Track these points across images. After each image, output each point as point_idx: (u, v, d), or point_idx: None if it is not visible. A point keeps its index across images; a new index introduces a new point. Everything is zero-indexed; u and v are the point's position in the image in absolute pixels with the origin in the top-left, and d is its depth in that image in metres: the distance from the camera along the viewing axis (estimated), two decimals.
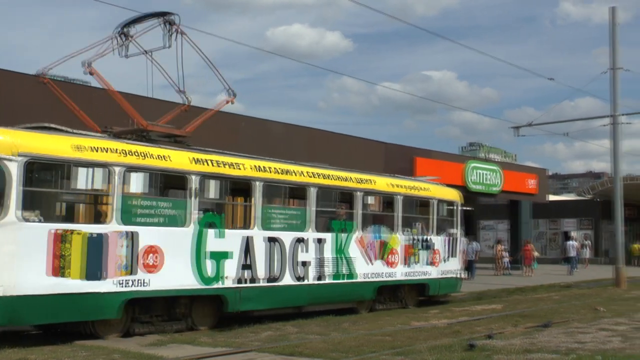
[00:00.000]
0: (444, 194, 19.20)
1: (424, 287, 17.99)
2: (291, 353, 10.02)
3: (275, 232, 14.04)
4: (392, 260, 16.74)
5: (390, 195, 17.19)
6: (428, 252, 17.87)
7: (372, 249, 16.17)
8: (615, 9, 25.78)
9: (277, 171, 14.30)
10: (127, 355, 9.74)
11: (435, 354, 9.09)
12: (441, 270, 18.33)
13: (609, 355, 9.31)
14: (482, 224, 51.40)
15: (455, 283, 19.28)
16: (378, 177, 17.23)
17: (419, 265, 17.51)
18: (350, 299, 15.94)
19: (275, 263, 13.96)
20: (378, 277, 16.33)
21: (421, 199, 18.20)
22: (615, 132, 25.51)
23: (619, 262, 24.83)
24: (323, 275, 14.91)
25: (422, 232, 17.99)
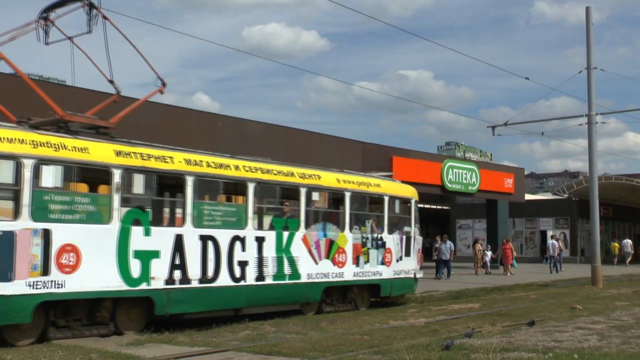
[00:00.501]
0: (397, 190, 18.51)
1: (376, 288, 17.36)
2: (269, 352, 10.04)
3: (210, 230, 13.28)
4: (340, 260, 16.07)
5: (338, 191, 16.40)
6: (380, 251, 17.19)
7: (317, 248, 15.47)
8: (591, 8, 26.02)
9: (212, 165, 13.56)
10: (104, 354, 9.70)
11: (413, 352, 9.14)
12: (394, 271, 17.64)
13: (585, 353, 9.41)
14: (459, 223, 51.70)
15: (410, 284, 18.63)
16: (325, 172, 16.41)
17: (369, 265, 16.82)
18: (294, 300, 15.26)
19: (210, 263, 13.22)
20: (324, 277, 15.65)
21: (372, 195, 17.44)
22: (591, 131, 25.76)
23: (596, 260, 25.08)
24: (263, 275, 14.23)
25: (373, 230, 17.32)
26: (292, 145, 26.77)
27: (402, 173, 31.38)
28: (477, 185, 36.10)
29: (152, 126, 21.85)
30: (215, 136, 23.84)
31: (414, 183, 32.49)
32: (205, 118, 24.52)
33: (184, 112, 23.86)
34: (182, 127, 22.86)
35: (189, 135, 23.03)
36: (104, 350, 10.01)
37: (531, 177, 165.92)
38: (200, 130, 23.48)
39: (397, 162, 31.26)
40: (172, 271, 12.52)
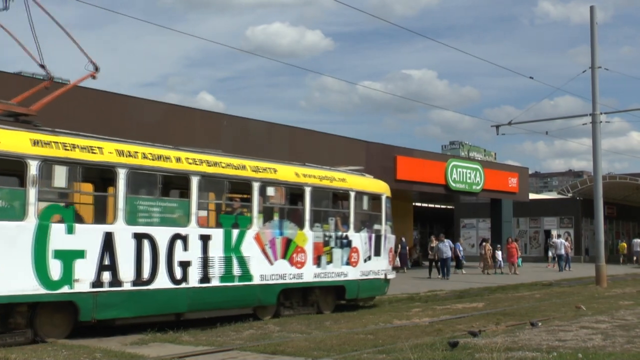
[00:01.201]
0: (365, 185, 17.44)
1: (342, 290, 16.34)
2: (273, 352, 10.03)
3: (145, 228, 12.16)
4: (299, 260, 15.00)
5: (297, 186, 15.28)
6: (345, 250, 16.12)
7: (273, 247, 14.41)
8: (595, 7, 25.97)
9: (148, 157, 12.42)
10: (109, 354, 9.71)
11: (418, 352, 9.12)
12: (362, 271, 16.63)
13: (590, 353, 9.38)
14: (464, 222, 51.67)
15: (380, 285, 17.52)
16: (282, 166, 15.31)
17: (333, 266, 15.77)
18: (246, 303, 14.16)
19: (146, 263, 12.05)
20: (281, 279, 14.59)
21: (336, 190, 16.42)
22: (596, 130, 25.71)
23: (600, 260, 25.02)
24: (209, 277, 13.14)
25: (337, 228, 16.24)
26: (296, 144, 26.78)
27: (406, 172, 31.47)
28: (481, 185, 36.10)
29: (156, 125, 21.88)
30: (219, 136, 23.85)
31: (418, 182, 32.68)
32: (209, 117, 24.55)
33: (188, 112, 23.88)
34: (186, 126, 22.88)
35: (193, 135, 23.04)
36: (108, 350, 10.01)
37: (535, 177, 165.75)
38: (204, 129, 23.51)
39: (401, 161, 31.27)
40: (100, 273, 11.42)
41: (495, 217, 40.00)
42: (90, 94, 20.60)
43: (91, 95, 20.55)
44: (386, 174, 30.69)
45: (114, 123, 20.75)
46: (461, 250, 33.81)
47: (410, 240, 42.42)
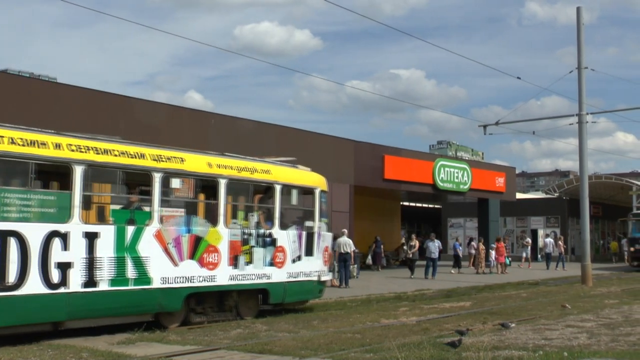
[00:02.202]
0: (295, 178, 15.92)
1: (266, 294, 14.92)
2: (261, 351, 10.01)
3: (12, 224, 10.60)
4: (211, 261, 13.46)
5: (210, 177, 13.78)
6: (268, 250, 14.63)
7: (178, 246, 12.85)
8: (582, 8, 26.08)
9: (18, 143, 10.87)
10: (95, 353, 9.66)
11: (405, 351, 9.12)
12: (289, 273, 15.15)
13: (575, 351, 9.42)
14: (451, 221, 51.76)
15: (312, 288, 16.00)
16: (191, 155, 13.75)
17: (253, 267, 14.28)
18: (144, 309, 12.56)
19: (12, 265, 10.48)
20: (187, 281, 13.02)
21: (258, 183, 14.89)
22: (582, 130, 25.82)
23: (586, 259, 25.14)
24: (95, 280, 11.47)
25: (260, 225, 14.76)
26: (285, 143, 26.74)
27: (394, 172, 31.52)
28: (468, 184, 36.19)
29: (143, 124, 21.80)
30: (207, 134, 23.81)
31: (406, 182, 32.74)
32: (197, 116, 24.50)
33: (176, 110, 23.82)
34: (174, 125, 22.82)
35: (181, 134, 22.98)
36: (94, 349, 9.97)
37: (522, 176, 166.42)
38: (192, 128, 23.46)
39: (389, 160, 31.32)
40: None
41: (483, 217, 40.11)
42: (78, 92, 20.52)
43: (79, 94, 20.47)
44: (374, 174, 30.82)
45: (102, 122, 20.67)
46: (460, 250, 33.88)
47: (398, 240, 42.52)
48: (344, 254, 23.13)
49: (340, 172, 29.27)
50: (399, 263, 38.39)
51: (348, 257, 23.21)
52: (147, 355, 9.61)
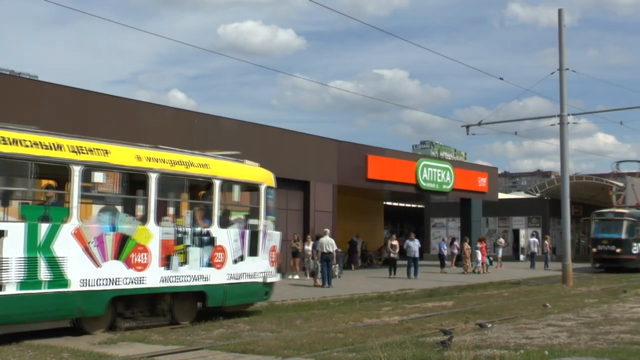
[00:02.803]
0: (237, 173, 14.92)
1: (203, 297, 13.91)
2: (243, 351, 9.99)
3: None
4: (140, 261, 12.39)
5: (139, 171, 12.70)
6: (206, 249, 13.62)
7: (101, 246, 11.76)
8: (563, 10, 26.28)
9: None
10: (76, 354, 9.60)
11: (387, 350, 9.13)
12: (230, 274, 14.12)
13: (555, 350, 9.48)
14: (434, 221, 51.92)
15: (257, 290, 14.95)
16: (118, 147, 12.61)
17: (188, 268, 13.22)
18: (61, 315, 11.59)
19: None
20: (112, 284, 11.92)
21: (194, 178, 13.88)
22: (563, 131, 25.99)
23: (566, 259, 25.30)
24: (1, 283, 10.47)
25: (196, 223, 13.81)
26: (268, 143, 26.74)
27: (377, 172, 31.60)
28: (451, 184, 36.34)
29: (125, 123, 21.71)
30: (190, 133, 23.74)
31: (389, 182, 32.82)
32: (180, 115, 24.43)
33: (159, 109, 23.74)
34: (157, 124, 22.74)
35: (164, 132, 22.90)
36: (75, 350, 9.90)
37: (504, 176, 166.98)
38: (175, 127, 23.39)
39: (372, 160, 31.39)
40: None
41: (465, 217, 40.29)
42: (61, 90, 20.40)
43: (61, 93, 20.35)
44: (357, 173, 30.87)
45: (82, 120, 20.55)
46: (445, 249, 33.97)
47: (380, 239, 42.60)
48: (327, 254, 23.13)
49: (324, 171, 29.31)
50: (382, 263, 38.46)
51: (330, 257, 23.21)
52: (129, 355, 9.57)
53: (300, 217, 28.78)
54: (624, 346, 9.89)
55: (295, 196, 28.52)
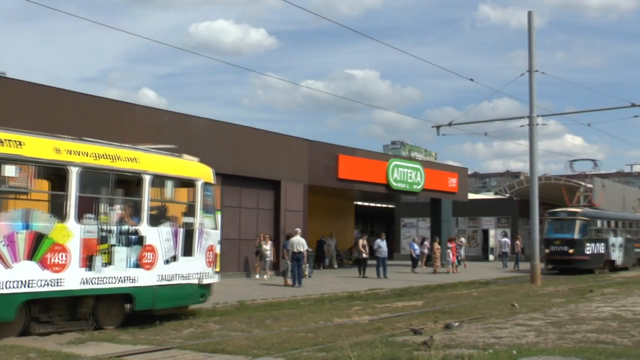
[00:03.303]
0: (169, 168, 13.98)
1: (130, 299, 12.86)
2: (213, 350, 9.97)
3: None
4: (57, 262, 11.47)
5: (57, 165, 11.83)
6: (134, 249, 12.71)
7: (12, 245, 10.86)
8: (533, 12, 26.52)
9: None
10: (43, 354, 9.50)
11: (357, 350, 9.17)
12: (161, 275, 13.21)
13: (523, 349, 9.58)
14: (404, 221, 52.16)
15: (191, 292, 14.08)
16: (33, 138, 11.69)
17: (113, 269, 12.28)
18: None
19: None
20: (24, 286, 10.95)
21: (120, 172, 12.81)
22: (532, 132, 26.26)
23: (535, 259, 25.58)
24: None
25: (123, 220, 12.91)
26: (239, 142, 26.69)
27: (348, 171, 31.66)
28: (421, 184, 36.53)
29: (96, 121, 21.52)
30: (161, 132, 23.58)
31: (360, 182, 32.90)
32: (151, 113, 24.27)
33: (130, 107, 23.56)
34: (127, 122, 22.57)
35: (134, 131, 22.74)
36: (42, 350, 9.80)
37: (474, 177, 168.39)
38: (146, 125, 23.23)
39: (343, 160, 31.44)
40: None
41: (435, 217, 40.50)
42: (28, 87, 20.15)
43: (29, 89, 20.11)
44: (328, 173, 30.91)
45: (53, 118, 20.33)
46: (416, 250, 34.10)
47: (351, 239, 42.69)
48: (297, 253, 23.13)
49: (295, 171, 29.31)
50: (352, 262, 38.56)
51: (301, 257, 23.23)
52: (97, 355, 9.49)
53: (271, 216, 28.75)
54: (590, 345, 10.04)
55: (266, 195, 28.49)
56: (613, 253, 36.12)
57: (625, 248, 37.91)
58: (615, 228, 37.23)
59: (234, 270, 26.87)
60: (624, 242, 37.78)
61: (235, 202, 27.19)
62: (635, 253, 39.77)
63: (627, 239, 38.34)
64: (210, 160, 25.52)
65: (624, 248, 37.64)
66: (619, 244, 36.99)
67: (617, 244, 36.84)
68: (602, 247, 34.76)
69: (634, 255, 39.54)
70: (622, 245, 37.38)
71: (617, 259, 36.63)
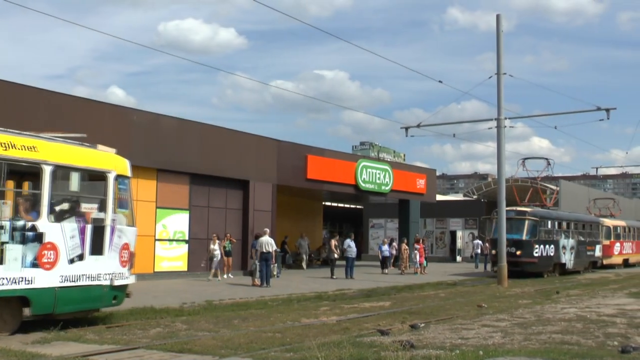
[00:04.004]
0: (75, 158, 12.70)
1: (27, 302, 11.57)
2: (180, 350, 9.93)
3: None
4: None
5: None
6: (30, 247, 11.38)
7: None
8: (501, 16, 26.81)
9: None
10: (7, 353, 9.38)
11: (325, 350, 9.19)
12: (64, 276, 11.93)
13: (490, 350, 9.68)
14: (372, 222, 52.35)
15: (101, 294, 12.78)
16: None
17: (4, 269, 10.99)
18: None
19: None
20: None
21: (15, 162, 11.53)
22: (500, 135, 26.54)
23: (502, 260, 25.84)
24: None
25: (18, 215, 11.59)
26: (207, 141, 26.59)
27: (316, 172, 31.71)
28: (390, 185, 36.70)
29: (63, 118, 21.30)
30: (129, 131, 23.44)
31: (329, 182, 32.95)
32: (119, 112, 24.09)
33: (97, 106, 23.36)
34: (95, 120, 22.37)
35: (102, 129, 22.55)
36: (7, 349, 9.67)
37: (442, 178, 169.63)
38: (113, 124, 23.05)
39: (312, 160, 31.49)
40: None
41: (403, 218, 40.70)
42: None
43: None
44: (297, 173, 30.93)
45: (19, 115, 20.09)
46: (384, 251, 34.15)
47: (319, 239, 42.74)
48: (266, 253, 23.10)
49: (263, 171, 29.28)
50: (321, 263, 38.60)
51: (269, 257, 23.20)
52: (63, 355, 9.40)
53: (240, 216, 28.69)
54: (555, 346, 10.18)
55: (235, 195, 28.43)
56: (563, 256, 33.73)
57: (577, 251, 35.62)
58: (567, 229, 34.99)
59: (202, 270, 26.77)
60: (576, 244, 35.47)
61: (204, 201, 27.10)
62: (588, 256, 37.64)
63: (580, 241, 36.11)
64: (179, 159, 25.47)
65: (575, 250, 35.31)
66: (570, 246, 34.65)
67: (569, 246, 34.48)
68: (551, 250, 32.31)
69: (586, 259, 37.43)
70: (573, 247, 35.04)
71: (567, 262, 34.35)
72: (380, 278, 29.01)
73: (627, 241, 44.52)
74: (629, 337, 11.20)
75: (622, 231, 43.58)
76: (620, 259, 43.33)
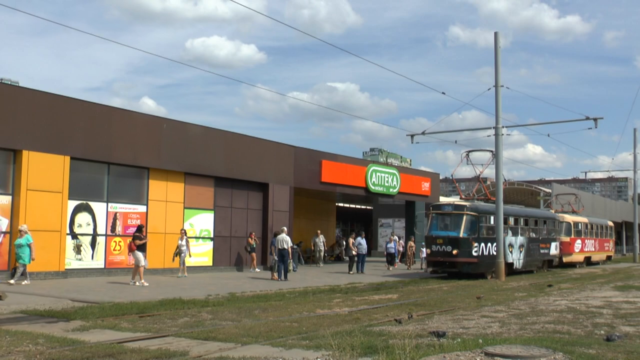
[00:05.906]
0: None
1: None
2: (206, 338, 9.97)
3: None
4: None
5: None
6: None
7: None
8: (499, 33, 26.76)
9: None
10: (51, 339, 9.45)
11: (338, 338, 9.19)
12: None
13: (489, 339, 9.64)
14: (381, 221, 52.22)
15: None
16: None
17: None
18: None
19: None
20: None
21: None
22: (498, 142, 26.44)
23: (499, 257, 25.72)
24: None
25: None
26: (231, 147, 26.67)
27: (330, 175, 31.73)
28: (397, 188, 36.66)
29: (101, 127, 21.44)
30: (159, 137, 23.55)
31: (341, 185, 32.95)
32: (150, 120, 24.20)
33: (131, 115, 23.49)
34: (128, 127, 22.50)
35: (135, 136, 22.70)
36: (50, 336, 9.75)
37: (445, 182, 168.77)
38: (146, 131, 23.18)
39: (325, 165, 31.51)
40: None
41: (410, 217, 40.66)
42: (39, 96, 20.04)
43: (40, 98, 20.00)
44: (312, 177, 30.95)
45: (62, 124, 20.23)
46: (390, 248, 34.02)
47: (333, 237, 42.73)
48: (282, 250, 23.13)
49: (281, 174, 29.32)
50: (334, 259, 38.61)
51: (286, 253, 23.22)
52: (100, 341, 9.46)
53: (260, 216, 28.75)
54: (548, 335, 10.14)
55: (255, 197, 28.48)
56: (510, 255, 27.86)
57: (528, 249, 29.90)
58: (515, 225, 29.19)
59: (226, 265, 26.86)
60: (526, 241, 29.81)
61: (227, 202, 27.17)
62: (542, 254, 31.76)
63: (531, 238, 30.48)
64: (205, 164, 25.54)
65: (525, 249, 29.60)
66: (519, 244, 29.04)
67: (517, 244, 28.85)
68: (495, 248, 26.26)
69: (539, 257, 31.54)
70: (523, 245, 29.41)
71: (515, 261, 28.56)
72: (388, 273, 28.93)
73: (589, 238, 39.06)
74: (615, 327, 11.13)
75: (583, 228, 38.32)
76: (581, 256, 38.07)
